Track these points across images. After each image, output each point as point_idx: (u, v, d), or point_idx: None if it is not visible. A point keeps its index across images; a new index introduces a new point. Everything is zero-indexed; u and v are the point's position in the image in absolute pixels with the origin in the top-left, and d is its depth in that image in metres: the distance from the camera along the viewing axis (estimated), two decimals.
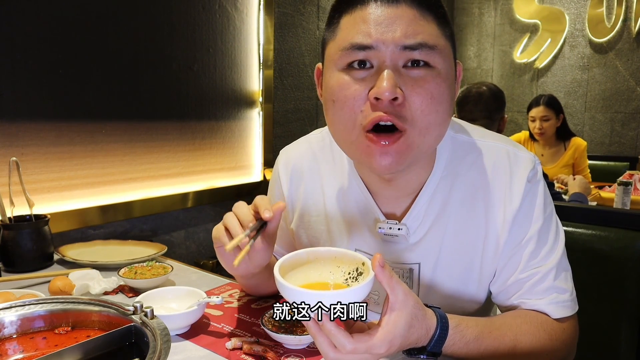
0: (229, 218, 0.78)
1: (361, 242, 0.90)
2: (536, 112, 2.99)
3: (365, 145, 0.73)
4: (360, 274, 0.65)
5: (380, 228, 0.85)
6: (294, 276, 0.65)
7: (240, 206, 0.79)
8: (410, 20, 0.70)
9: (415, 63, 0.71)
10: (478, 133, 0.88)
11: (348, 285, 0.65)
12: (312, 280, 0.66)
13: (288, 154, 1.03)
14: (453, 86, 0.77)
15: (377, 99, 0.69)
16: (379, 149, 0.72)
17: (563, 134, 3.05)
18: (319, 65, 0.84)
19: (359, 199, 0.90)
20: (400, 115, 0.70)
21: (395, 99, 0.69)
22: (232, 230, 0.77)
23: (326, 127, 0.96)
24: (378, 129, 0.72)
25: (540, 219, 0.82)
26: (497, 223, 0.82)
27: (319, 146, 0.98)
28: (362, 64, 0.72)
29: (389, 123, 0.71)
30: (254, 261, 0.80)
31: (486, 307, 0.93)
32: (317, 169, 0.97)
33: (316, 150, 0.98)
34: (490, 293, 0.88)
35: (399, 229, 0.84)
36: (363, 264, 0.65)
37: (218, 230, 0.80)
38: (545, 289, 0.81)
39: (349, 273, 0.66)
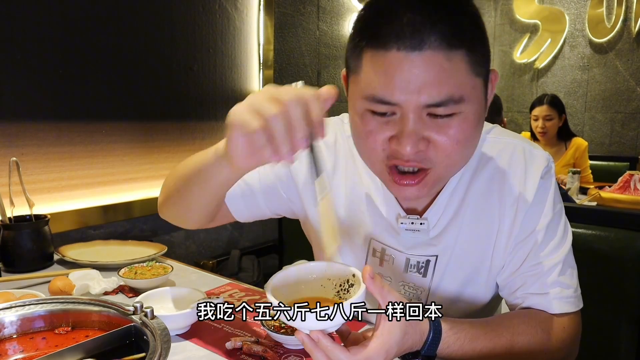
0: (276, 123, 0.60)
1: (383, 234, 0.90)
2: (539, 111, 2.98)
3: (388, 179, 0.75)
4: (352, 285, 0.65)
5: (402, 223, 0.86)
6: (285, 293, 0.65)
7: (293, 106, 0.61)
8: (436, 71, 0.65)
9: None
10: (496, 131, 0.90)
11: (340, 297, 0.65)
12: (304, 296, 0.66)
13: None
14: (483, 116, 0.75)
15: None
16: (403, 187, 0.74)
17: (564, 134, 3.05)
18: (344, 72, 0.80)
19: (380, 193, 0.90)
20: (424, 159, 0.71)
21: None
22: (278, 140, 0.60)
23: (346, 117, 0.94)
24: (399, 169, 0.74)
25: (550, 213, 0.83)
26: (510, 217, 0.83)
27: (340, 132, 0.96)
28: (384, 112, 0.71)
29: (410, 169, 0.72)
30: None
31: (494, 304, 0.93)
32: (350, 156, 0.93)
33: (339, 136, 0.96)
34: (498, 288, 0.89)
35: (421, 224, 0.85)
36: (354, 275, 0.65)
37: (244, 120, 0.62)
38: (550, 283, 0.81)
39: (341, 285, 0.66)
